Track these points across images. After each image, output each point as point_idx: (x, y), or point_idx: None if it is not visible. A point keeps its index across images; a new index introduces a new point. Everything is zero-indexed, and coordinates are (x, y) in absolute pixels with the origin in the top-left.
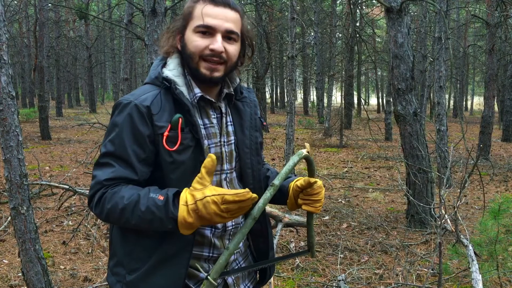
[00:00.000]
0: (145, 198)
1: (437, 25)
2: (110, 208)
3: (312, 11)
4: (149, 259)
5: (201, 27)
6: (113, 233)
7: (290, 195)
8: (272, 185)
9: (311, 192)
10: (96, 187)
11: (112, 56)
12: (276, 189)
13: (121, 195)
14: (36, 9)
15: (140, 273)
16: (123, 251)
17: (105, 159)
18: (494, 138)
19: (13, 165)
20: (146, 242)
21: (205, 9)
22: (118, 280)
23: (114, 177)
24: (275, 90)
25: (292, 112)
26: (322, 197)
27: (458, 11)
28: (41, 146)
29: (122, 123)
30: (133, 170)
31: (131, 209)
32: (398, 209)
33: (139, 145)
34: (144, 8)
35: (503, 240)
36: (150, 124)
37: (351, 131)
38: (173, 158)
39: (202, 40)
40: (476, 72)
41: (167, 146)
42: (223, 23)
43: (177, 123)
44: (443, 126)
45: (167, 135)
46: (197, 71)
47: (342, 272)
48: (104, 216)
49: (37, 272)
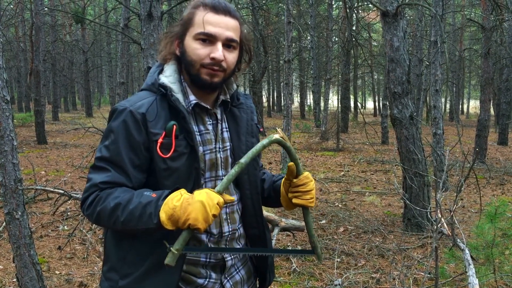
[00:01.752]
0: (138, 196)
1: (433, 29)
2: (101, 208)
3: (308, 15)
4: (143, 264)
5: (202, 35)
6: (107, 238)
7: (282, 192)
8: (238, 163)
9: (298, 183)
10: (90, 189)
11: (108, 60)
12: (241, 167)
13: (115, 195)
14: (32, 13)
15: (132, 278)
16: (116, 256)
17: (101, 163)
18: (490, 142)
19: (8, 169)
20: (140, 247)
21: (206, 16)
22: (111, 285)
23: (109, 181)
24: (271, 94)
25: (289, 115)
26: (312, 189)
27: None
28: (37, 150)
29: (117, 129)
30: (127, 176)
31: (123, 206)
32: (395, 212)
33: (133, 152)
34: (140, 12)
35: (499, 244)
36: (144, 131)
37: (348, 134)
38: (167, 165)
39: (203, 48)
40: (472, 75)
41: (160, 153)
42: (224, 31)
43: (171, 130)
44: (439, 129)
45: (161, 142)
46: (198, 77)
47: (339, 276)
48: (94, 217)
49: (31, 278)
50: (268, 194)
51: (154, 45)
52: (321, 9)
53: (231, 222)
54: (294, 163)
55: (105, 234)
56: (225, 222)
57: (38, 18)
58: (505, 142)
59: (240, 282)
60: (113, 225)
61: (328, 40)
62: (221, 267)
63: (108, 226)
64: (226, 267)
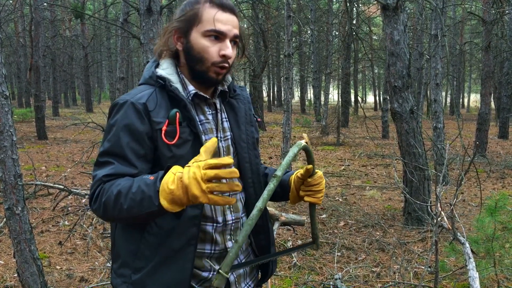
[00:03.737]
0: (138, 181)
1: (433, 22)
2: (106, 198)
3: (308, 9)
4: (154, 256)
5: (213, 32)
6: (116, 234)
7: (292, 188)
8: (275, 176)
9: (312, 183)
10: (95, 184)
11: (108, 55)
12: (279, 180)
13: (117, 184)
14: (32, 8)
15: (146, 271)
16: (127, 251)
17: (104, 158)
18: (491, 135)
19: (7, 165)
20: (150, 239)
21: (217, 15)
22: (124, 281)
23: (113, 173)
24: (272, 88)
25: (289, 110)
26: (323, 188)
27: (454, 8)
28: (38, 146)
29: (119, 122)
30: (131, 165)
31: (125, 193)
32: (395, 207)
33: (137, 142)
34: (140, 7)
35: (500, 237)
36: (147, 121)
37: (348, 129)
38: (173, 152)
39: (213, 46)
40: (473, 69)
41: (166, 140)
42: (232, 29)
43: (174, 117)
44: (439, 123)
45: (165, 129)
46: (204, 74)
47: (339, 271)
48: (102, 210)
49: (32, 273)
50: None
51: (153, 39)
52: (321, 3)
53: (234, 210)
54: (312, 165)
55: (113, 231)
56: (228, 211)
57: (37, 13)
58: (505, 136)
59: (243, 275)
60: (118, 214)
61: (328, 34)
62: (223, 258)
63: (115, 217)
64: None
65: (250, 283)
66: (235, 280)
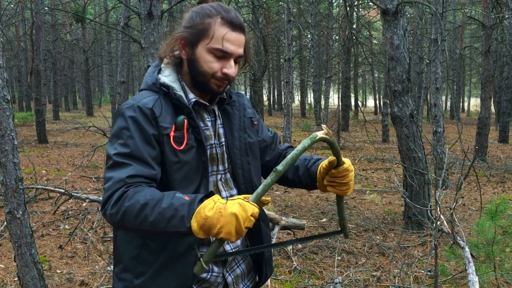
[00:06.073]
0: (169, 197)
1: (433, 26)
2: (129, 205)
3: (308, 14)
4: (156, 261)
5: (219, 52)
6: (118, 239)
7: (318, 177)
8: (275, 170)
9: (337, 175)
10: (116, 185)
11: (109, 59)
12: (278, 176)
13: (144, 193)
14: (33, 12)
15: (148, 276)
16: (129, 255)
17: (120, 159)
18: (491, 139)
19: (8, 169)
20: (152, 244)
21: (227, 35)
22: (125, 286)
23: (135, 174)
24: (272, 92)
25: (289, 114)
26: (350, 180)
27: (454, 13)
28: (38, 149)
29: (129, 125)
30: (151, 167)
31: (153, 205)
32: (396, 211)
33: (149, 145)
34: (141, 11)
35: (500, 242)
36: (155, 125)
37: (349, 133)
38: (179, 157)
39: (216, 62)
40: (473, 73)
41: (175, 145)
42: (238, 49)
43: (182, 124)
44: (439, 127)
45: (173, 135)
46: (205, 85)
47: (339, 275)
48: (120, 216)
49: (33, 277)
50: (305, 180)
51: (154, 44)
52: (322, 7)
53: None
54: (336, 156)
55: (115, 235)
56: None
57: (38, 17)
58: (505, 140)
59: (240, 275)
60: (139, 225)
61: (329, 38)
62: (223, 260)
63: (133, 226)
64: (227, 261)
65: (248, 284)
66: (233, 281)
